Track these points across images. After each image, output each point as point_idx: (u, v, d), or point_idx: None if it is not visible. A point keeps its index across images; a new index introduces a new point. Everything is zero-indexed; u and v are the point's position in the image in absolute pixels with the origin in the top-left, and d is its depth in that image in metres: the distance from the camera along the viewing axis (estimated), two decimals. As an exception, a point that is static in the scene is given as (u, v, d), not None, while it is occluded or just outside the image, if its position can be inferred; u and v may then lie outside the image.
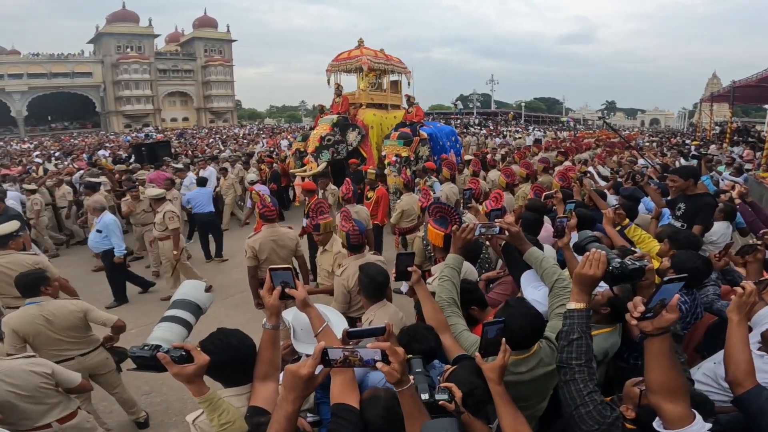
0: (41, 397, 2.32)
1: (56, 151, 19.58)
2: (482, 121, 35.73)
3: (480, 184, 5.17)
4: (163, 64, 48.50)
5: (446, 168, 6.86)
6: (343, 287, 3.16)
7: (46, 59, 43.51)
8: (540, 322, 1.70)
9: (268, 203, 3.95)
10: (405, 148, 8.38)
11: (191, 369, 1.34)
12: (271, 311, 1.52)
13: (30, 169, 12.10)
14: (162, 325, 1.53)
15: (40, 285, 2.90)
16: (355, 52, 9.95)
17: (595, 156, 9.73)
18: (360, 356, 1.13)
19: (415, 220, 5.66)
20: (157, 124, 46.07)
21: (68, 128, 45.14)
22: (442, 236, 2.77)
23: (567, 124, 38.36)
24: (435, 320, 1.87)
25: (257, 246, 3.85)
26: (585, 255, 1.53)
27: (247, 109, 78.93)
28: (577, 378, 1.41)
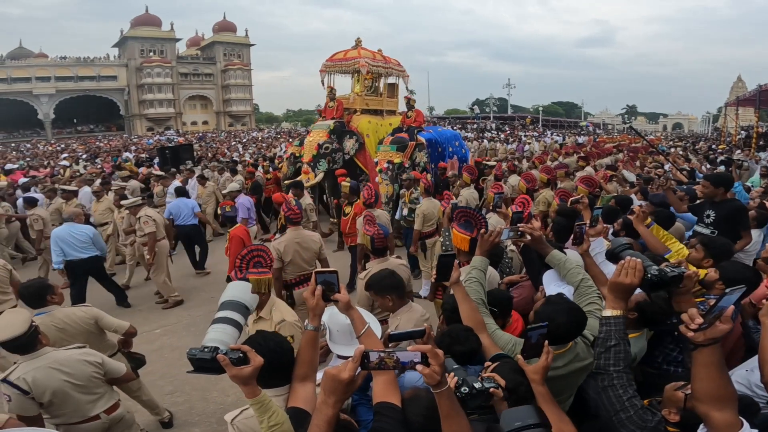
0: (92, 387, 2.39)
1: (83, 154, 20.16)
2: (499, 126, 35.48)
3: (503, 189, 5.15)
4: (184, 67, 49.47)
5: (466, 173, 6.86)
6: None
7: (73, 62, 44.62)
8: (582, 316, 1.73)
9: (293, 206, 4.02)
10: (398, 154, 7.77)
11: (248, 371, 1.35)
12: (314, 313, 1.54)
13: (57, 171, 12.52)
14: (215, 326, 1.53)
15: (46, 294, 2.90)
16: (353, 53, 9.10)
17: (619, 161, 9.56)
18: (396, 358, 1.14)
19: (434, 224, 5.65)
20: (178, 127, 47.01)
21: (94, 131, 46.24)
22: (468, 240, 2.77)
23: (586, 129, 37.83)
24: (473, 320, 1.89)
25: (282, 248, 3.92)
26: (620, 263, 1.54)
27: (265, 113, 79.98)
28: (616, 384, 1.43)
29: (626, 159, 9.62)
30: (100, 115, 48.31)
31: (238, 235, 4.92)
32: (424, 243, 5.67)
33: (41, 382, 2.19)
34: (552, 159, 10.18)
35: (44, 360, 2.25)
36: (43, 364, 2.23)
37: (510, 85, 44.24)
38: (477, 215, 2.82)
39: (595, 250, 2.51)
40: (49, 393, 2.21)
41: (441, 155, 8.81)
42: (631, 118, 72.89)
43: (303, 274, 4.12)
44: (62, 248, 5.15)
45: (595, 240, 2.63)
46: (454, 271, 1.94)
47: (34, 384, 2.17)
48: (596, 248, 2.56)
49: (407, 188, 6.54)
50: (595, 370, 1.52)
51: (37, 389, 2.18)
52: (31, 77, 42.22)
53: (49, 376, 2.22)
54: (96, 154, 19.56)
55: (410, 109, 8.98)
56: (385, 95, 9.87)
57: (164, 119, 47.65)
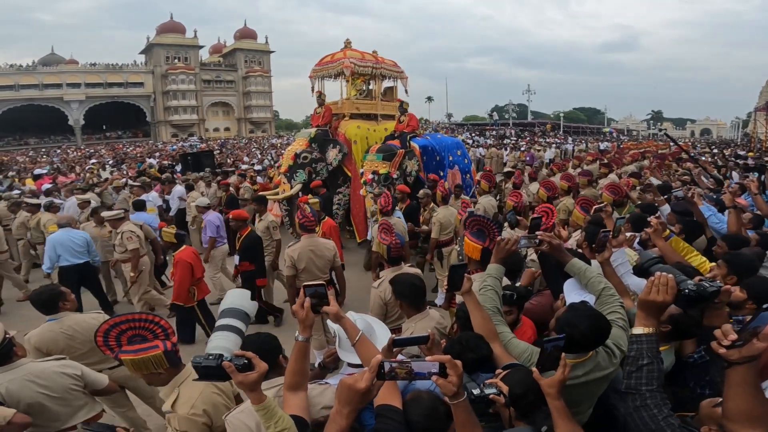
0: (70, 399, 2.36)
1: (110, 160, 20.78)
2: (519, 133, 35.06)
3: (522, 197, 5.03)
4: (207, 74, 50.57)
5: (484, 180, 6.76)
6: (380, 299, 3.17)
7: (102, 69, 46.00)
8: (606, 324, 1.68)
9: (308, 213, 4.02)
10: (384, 164, 7.03)
11: (254, 377, 1.37)
12: (304, 324, 1.55)
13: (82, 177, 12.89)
14: (218, 334, 1.55)
15: (58, 301, 2.91)
16: (339, 54, 8.56)
17: (645, 168, 9.26)
18: (410, 369, 1.13)
19: (451, 233, 5.58)
20: (201, 134, 48.03)
21: (121, 137, 47.58)
22: (479, 249, 2.72)
23: (610, 135, 37.05)
24: (485, 329, 1.86)
25: (296, 256, 3.92)
26: (650, 280, 1.48)
27: (284, 120, 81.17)
28: (650, 404, 1.38)
29: (654, 165, 9.28)
30: (128, 122, 49.78)
31: (184, 259, 4.48)
32: (440, 251, 5.60)
33: (15, 394, 2.17)
34: (573, 166, 9.95)
35: (19, 372, 2.24)
36: (18, 376, 2.22)
37: (530, 91, 43.86)
38: (490, 224, 2.76)
39: (616, 261, 2.43)
40: (23, 405, 2.18)
41: (439, 164, 8.01)
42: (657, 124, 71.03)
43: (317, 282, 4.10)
44: (60, 254, 5.15)
45: (617, 250, 2.52)
46: (466, 281, 1.90)
47: (8, 395, 2.16)
48: (618, 259, 2.47)
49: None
50: (625, 390, 1.46)
51: (10, 401, 2.16)
52: (62, 83, 43.59)
53: (23, 388, 2.20)
54: (122, 160, 20.14)
55: (403, 113, 8.24)
56: (378, 99, 9.22)
57: (188, 126, 48.80)
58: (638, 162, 11.36)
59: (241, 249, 5.00)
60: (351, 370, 1.92)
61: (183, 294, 4.53)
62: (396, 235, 3.09)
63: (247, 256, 4.97)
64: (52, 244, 5.21)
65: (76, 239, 5.31)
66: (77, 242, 5.29)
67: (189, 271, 4.50)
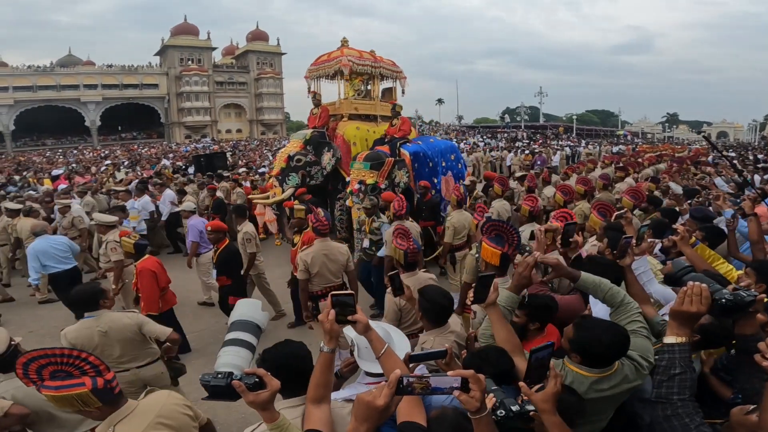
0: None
1: (125, 161, 21.06)
2: (531, 135, 34.78)
3: (538, 201, 4.94)
4: (220, 76, 50.95)
5: (498, 184, 6.67)
6: (395, 305, 3.14)
7: (118, 70, 46.61)
8: (625, 334, 1.66)
9: (321, 217, 3.99)
10: (372, 173, 6.57)
11: (266, 396, 1.32)
12: (329, 335, 1.48)
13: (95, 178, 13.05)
14: (227, 349, 1.49)
15: (99, 299, 2.92)
16: (336, 53, 8.19)
17: (664, 172, 9.06)
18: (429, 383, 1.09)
19: (465, 237, 5.51)
20: (214, 135, 48.47)
21: (136, 138, 48.19)
22: (498, 255, 2.66)
23: (624, 138, 36.55)
24: (509, 343, 1.81)
25: (309, 260, 3.90)
26: (683, 290, 1.45)
27: (295, 121, 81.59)
28: (681, 413, 1.38)
29: (675, 170, 9.07)
30: (142, 123, 50.43)
31: (147, 267, 4.20)
32: (453, 256, 5.53)
33: (21, 402, 2.14)
34: (588, 170, 9.79)
35: None
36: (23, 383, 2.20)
37: (542, 93, 43.40)
38: (509, 229, 2.69)
39: (639, 269, 2.38)
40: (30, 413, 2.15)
41: (432, 170, 7.50)
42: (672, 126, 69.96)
43: (329, 285, 4.08)
44: (45, 263, 5.08)
45: (639, 258, 2.47)
46: (492, 292, 1.84)
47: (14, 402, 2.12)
48: (640, 267, 2.42)
49: (369, 215, 5.52)
50: (655, 399, 1.46)
51: None
52: (79, 84, 44.24)
53: (29, 395, 2.15)
54: (137, 161, 20.40)
55: (396, 117, 7.80)
56: (378, 99, 8.89)
57: (201, 127, 49.27)
58: (655, 165, 11.16)
59: (218, 262, 4.72)
60: (368, 379, 1.88)
61: (154, 303, 4.24)
62: (413, 240, 3.03)
63: (223, 270, 4.71)
64: (34, 255, 5.12)
65: (57, 245, 5.25)
66: (59, 248, 5.24)
67: (153, 280, 4.24)
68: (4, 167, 20.23)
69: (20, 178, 14.05)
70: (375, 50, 8.80)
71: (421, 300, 2.31)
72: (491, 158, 19.34)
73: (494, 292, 1.85)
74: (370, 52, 8.65)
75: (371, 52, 8.67)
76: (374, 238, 5.28)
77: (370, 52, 8.65)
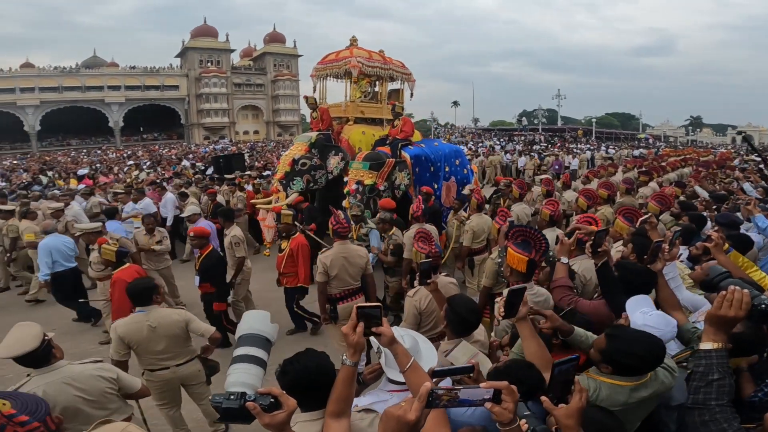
0: (105, 402, 2.34)
1: (147, 161, 21.51)
2: (548, 138, 34.30)
3: (558, 206, 4.85)
4: (238, 78, 51.57)
5: (516, 187, 6.58)
6: (415, 308, 3.11)
7: (140, 72, 47.56)
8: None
9: (341, 219, 3.98)
10: (371, 174, 6.31)
11: (282, 417, 1.25)
12: (354, 348, 1.43)
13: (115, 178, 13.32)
14: (238, 367, 1.40)
15: (152, 294, 2.97)
16: (344, 53, 7.80)
17: (690, 176, 8.79)
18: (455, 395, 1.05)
19: (484, 241, 5.45)
20: (232, 136, 49.15)
21: (157, 139, 49.05)
22: (525, 261, 2.58)
23: (645, 141, 35.75)
24: (540, 358, 1.77)
25: (328, 262, 3.89)
26: (721, 294, 1.44)
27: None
28: (719, 418, 1.38)
29: (703, 174, 8.77)
30: (163, 124, 51.35)
31: (123, 278, 3.96)
32: (472, 260, 5.47)
33: (52, 397, 2.15)
34: (609, 174, 9.58)
35: (57, 374, 2.22)
36: (56, 378, 2.20)
37: (560, 96, 42.73)
38: (537, 235, 2.62)
39: (668, 275, 2.35)
40: (59, 408, 2.17)
41: (434, 175, 7.15)
42: (695, 129, 68.18)
43: (348, 288, 4.07)
44: (56, 259, 5.14)
45: (669, 264, 2.43)
46: (523, 305, 1.78)
47: (44, 398, 2.10)
48: (669, 273, 2.38)
49: (356, 221, 5.28)
50: (691, 405, 1.47)
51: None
52: (103, 86, 45.20)
53: (60, 391, 2.18)
54: (158, 162, 20.80)
55: (396, 118, 7.36)
56: (385, 101, 8.47)
57: (219, 128, 49.94)
58: (680, 170, 10.86)
59: (201, 269, 4.56)
60: (391, 386, 1.85)
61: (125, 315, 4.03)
62: (435, 244, 3.00)
63: (206, 277, 4.56)
64: (47, 251, 5.15)
65: (68, 243, 5.34)
66: (69, 246, 5.33)
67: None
68: (30, 166, 20.84)
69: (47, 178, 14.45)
70: (384, 50, 8.47)
71: (448, 310, 2.26)
72: (506, 161, 19.14)
73: (524, 305, 1.80)
74: (380, 52, 8.30)
75: (380, 52, 8.32)
76: (362, 244, 4.97)
77: (380, 52, 8.30)
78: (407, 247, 4.77)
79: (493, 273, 3.87)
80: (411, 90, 8.68)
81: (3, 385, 3.13)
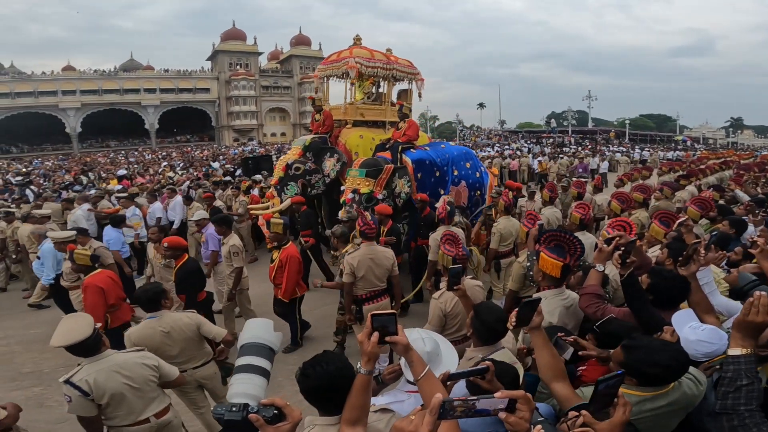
0: (147, 390, 2.43)
1: (180, 162, 22.21)
2: (579, 140, 33.44)
3: (590, 209, 4.71)
4: (265, 80, 52.52)
5: (547, 191, 6.45)
6: (440, 310, 3.10)
7: (174, 75, 49.14)
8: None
9: (368, 221, 4.01)
10: (368, 181, 5.84)
11: (287, 428, 1.23)
12: (368, 357, 1.41)
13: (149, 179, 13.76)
14: (240, 377, 1.38)
15: (160, 299, 2.99)
16: (345, 52, 7.44)
17: (731, 179, 8.38)
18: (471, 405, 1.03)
19: (511, 244, 5.36)
20: (260, 138, 50.14)
21: (189, 141, 50.56)
22: (560, 266, 2.51)
23: (683, 144, 34.34)
24: (553, 368, 1.72)
25: (355, 263, 3.92)
26: (749, 300, 1.44)
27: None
28: (748, 423, 1.39)
29: (746, 179, 8.34)
30: (195, 126, 52.84)
31: (94, 283, 3.84)
32: (498, 263, 5.39)
33: (102, 384, 2.25)
34: (643, 177, 9.25)
35: (106, 363, 2.32)
36: (105, 366, 2.30)
37: (591, 97, 41.56)
38: (571, 239, 2.54)
39: (702, 280, 2.29)
40: (108, 395, 2.26)
41: (440, 180, 6.58)
42: (737, 131, 64.99)
43: (374, 290, 4.09)
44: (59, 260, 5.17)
45: (704, 269, 2.36)
46: (536, 315, 1.75)
47: (96, 386, 2.24)
48: (704, 278, 2.32)
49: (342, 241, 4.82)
50: (720, 410, 1.48)
51: (97, 391, 2.24)
52: (139, 89, 46.91)
53: (109, 379, 2.28)
54: (191, 163, 21.46)
55: (402, 119, 6.88)
56: (389, 103, 7.98)
57: (248, 130, 51.01)
58: (720, 173, 10.36)
59: (176, 281, 4.34)
60: (409, 387, 1.84)
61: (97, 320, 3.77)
62: (462, 247, 2.97)
63: (181, 289, 4.32)
64: (54, 254, 5.22)
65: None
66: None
67: (100, 297, 3.94)
68: (71, 167, 21.90)
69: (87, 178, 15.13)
70: (389, 48, 8.15)
71: (475, 319, 2.21)
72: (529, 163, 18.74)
73: (538, 315, 1.77)
74: (386, 51, 7.92)
75: (387, 51, 7.94)
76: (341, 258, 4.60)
77: (386, 51, 7.92)
78: (432, 249, 4.75)
79: (520, 276, 3.81)
80: (419, 90, 8.19)
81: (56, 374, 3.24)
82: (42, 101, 42.14)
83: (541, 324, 1.79)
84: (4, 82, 41.18)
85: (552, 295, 2.60)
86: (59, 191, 11.35)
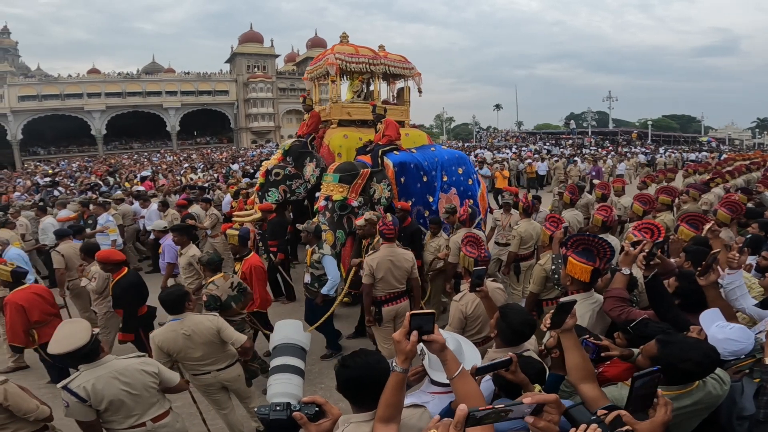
0: (147, 396, 2.43)
1: (201, 164, 22.64)
2: (599, 142, 32.81)
3: (613, 212, 4.63)
4: (282, 83, 52.96)
5: (568, 193, 6.35)
6: (461, 313, 3.09)
7: (194, 77, 49.95)
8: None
9: (388, 222, 4.02)
10: (342, 187, 5.49)
11: (327, 426, 1.28)
12: (405, 355, 1.41)
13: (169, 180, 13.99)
14: (279, 377, 1.40)
15: (184, 302, 3.01)
16: (328, 51, 7.10)
17: (758, 182, 8.11)
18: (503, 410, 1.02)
19: (532, 247, 5.31)
20: (277, 140, 50.59)
21: (209, 143, 51.48)
22: (590, 271, 2.45)
23: (708, 145, 33.38)
24: (582, 369, 1.70)
25: (375, 264, 3.93)
26: None
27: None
28: None
29: None
30: (214, 128, 53.77)
31: (14, 300, 3.71)
32: (518, 265, 5.35)
33: (100, 391, 2.26)
34: (669, 179, 9.02)
35: (105, 369, 2.32)
36: (104, 372, 2.31)
37: (611, 98, 40.75)
38: (600, 242, 2.48)
39: (733, 283, 2.32)
40: (106, 401, 2.27)
41: (427, 186, 6.10)
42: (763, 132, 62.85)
43: (393, 291, 4.09)
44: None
45: (735, 272, 2.37)
46: (570, 317, 1.72)
47: (93, 392, 2.24)
48: (735, 281, 2.34)
49: (308, 242, 4.63)
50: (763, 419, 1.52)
51: (95, 397, 2.25)
52: (161, 91, 47.84)
53: (108, 385, 2.29)
54: (211, 165, 21.86)
55: (379, 120, 6.27)
56: (379, 101, 7.42)
57: (265, 132, 51.60)
58: (748, 174, 10.03)
59: (113, 295, 4.23)
60: (434, 388, 1.84)
61: (17, 336, 3.93)
62: (484, 249, 2.95)
63: (118, 304, 4.21)
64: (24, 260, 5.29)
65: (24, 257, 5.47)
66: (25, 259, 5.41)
67: (19, 315, 3.86)
68: (96, 169, 22.54)
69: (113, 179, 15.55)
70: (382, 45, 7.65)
71: (501, 320, 2.19)
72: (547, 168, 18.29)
73: (572, 317, 1.75)
74: (378, 47, 7.46)
75: (380, 47, 7.48)
76: (315, 273, 4.52)
77: (378, 47, 7.46)
78: (453, 251, 4.73)
79: (541, 279, 3.77)
80: (418, 86, 7.62)
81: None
82: (68, 103, 43.36)
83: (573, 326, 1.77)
84: (32, 84, 42.60)
85: (582, 298, 2.56)
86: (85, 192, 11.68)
